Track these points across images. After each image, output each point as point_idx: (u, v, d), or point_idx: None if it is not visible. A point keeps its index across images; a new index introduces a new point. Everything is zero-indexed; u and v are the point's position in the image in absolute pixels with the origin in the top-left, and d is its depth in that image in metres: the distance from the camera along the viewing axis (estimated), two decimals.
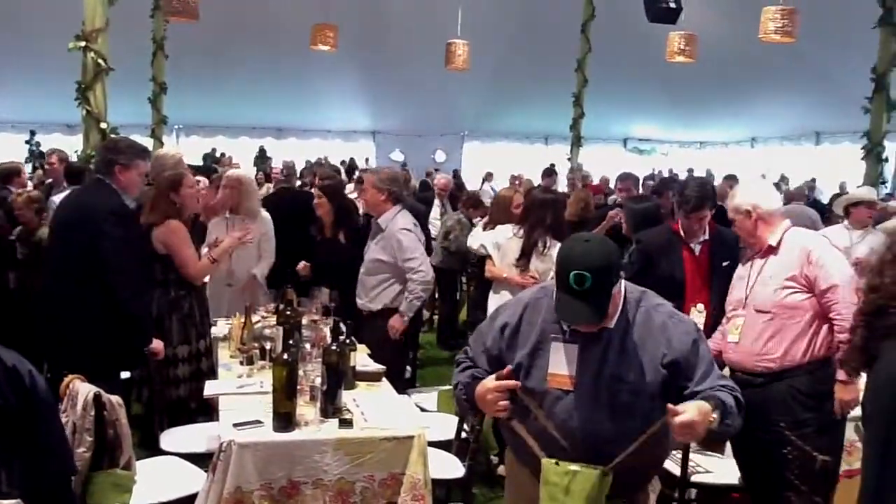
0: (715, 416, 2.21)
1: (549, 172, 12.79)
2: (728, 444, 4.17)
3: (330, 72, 18.43)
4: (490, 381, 2.39)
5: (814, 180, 16.69)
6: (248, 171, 11.79)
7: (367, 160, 22.04)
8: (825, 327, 3.44)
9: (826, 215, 7.32)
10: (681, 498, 3.83)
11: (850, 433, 3.63)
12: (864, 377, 2.13)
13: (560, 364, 2.38)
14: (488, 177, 17.61)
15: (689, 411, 2.17)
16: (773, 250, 3.58)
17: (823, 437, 3.14)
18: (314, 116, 22.12)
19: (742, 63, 15.46)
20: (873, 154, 8.97)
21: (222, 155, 19.22)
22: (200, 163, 14.01)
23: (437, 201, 9.52)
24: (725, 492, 4.02)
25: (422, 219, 6.96)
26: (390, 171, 5.26)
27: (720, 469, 3.97)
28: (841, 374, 3.32)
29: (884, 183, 9.85)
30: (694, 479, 3.85)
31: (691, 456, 3.87)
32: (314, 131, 23.31)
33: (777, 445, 3.18)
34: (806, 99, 17.22)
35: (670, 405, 2.18)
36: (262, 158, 20.05)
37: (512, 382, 2.37)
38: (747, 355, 3.58)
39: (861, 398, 2.04)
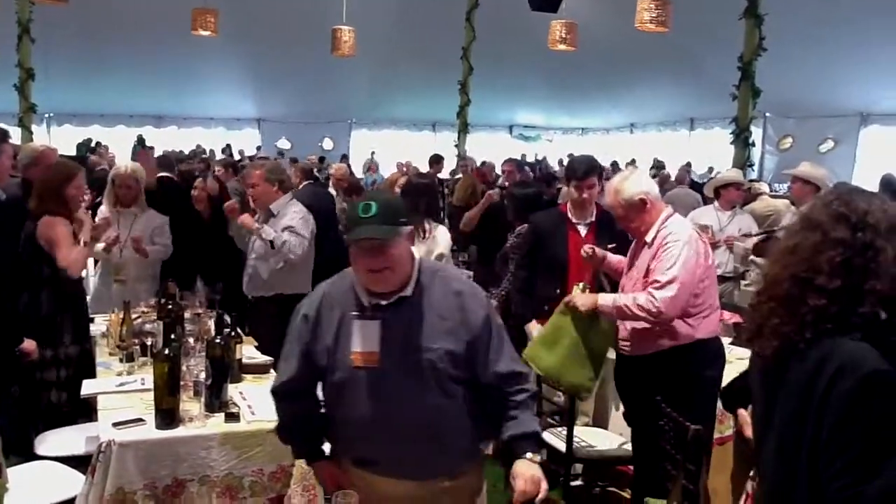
0: (537, 458, 2.43)
1: (437, 160, 12.98)
2: (611, 419, 4.35)
3: (212, 57, 17.86)
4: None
5: (689, 164, 17.48)
6: (126, 160, 11.31)
7: (258, 148, 21.56)
8: (699, 312, 3.62)
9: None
10: (566, 473, 3.96)
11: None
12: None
13: (363, 341, 2.39)
14: (371, 167, 17.58)
15: (520, 467, 2.38)
16: (660, 240, 3.71)
17: (697, 408, 3.31)
18: (196, 104, 21.42)
19: (620, 52, 15.94)
20: (741, 139, 9.43)
21: (98, 144, 18.35)
22: (74, 152, 13.35)
23: (332, 191, 9.40)
24: (610, 464, 4.18)
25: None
26: (275, 163, 5.32)
27: (604, 443, 4.12)
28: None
29: (751, 166, 10.38)
30: (579, 453, 3.99)
31: (576, 430, 4.00)
32: (196, 119, 22.61)
33: (653, 418, 3.33)
34: (680, 87, 17.95)
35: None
36: (140, 147, 19.27)
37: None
38: (628, 338, 3.75)
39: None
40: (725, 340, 4.07)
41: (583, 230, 4.51)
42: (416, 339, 2.39)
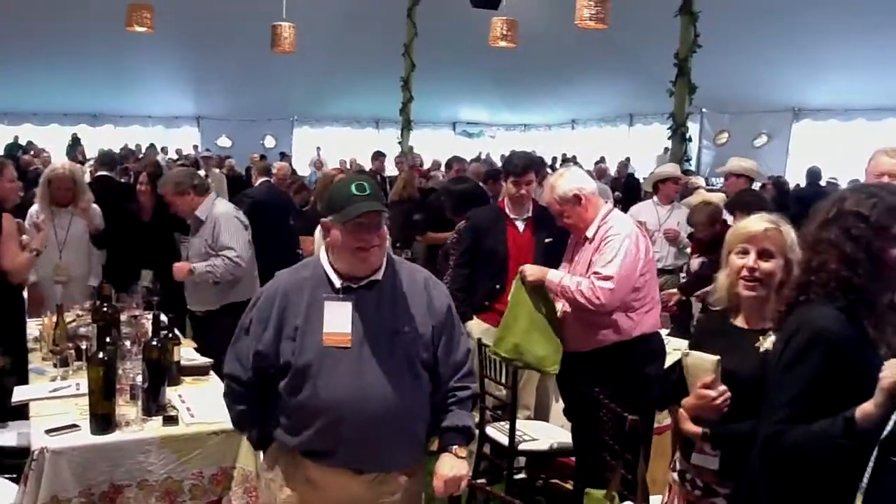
0: (463, 452, 2.49)
1: (378, 156, 13.08)
2: (552, 412, 4.40)
3: (148, 54, 17.51)
4: None
5: (628, 159, 17.80)
6: (61, 160, 11.00)
7: (195, 148, 21.17)
8: (641, 306, 3.69)
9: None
10: (509, 466, 3.99)
11: None
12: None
13: (335, 322, 2.40)
14: (316, 163, 17.43)
15: (443, 468, 2.43)
16: (601, 235, 3.76)
17: (636, 402, 3.36)
18: (133, 101, 20.97)
19: (561, 49, 16.10)
20: (678, 134, 9.64)
21: (29, 143, 17.84)
22: (1, 152, 12.93)
23: None
24: (552, 457, 4.23)
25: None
26: (178, 171, 5.25)
27: (546, 436, 4.17)
28: None
29: (688, 160, 10.60)
30: (521, 447, 4.03)
31: (518, 424, 4.04)
32: (133, 117, 22.13)
33: (593, 410, 3.38)
34: (620, 83, 18.22)
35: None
36: (74, 147, 18.78)
37: None
38: (569, 334, 3.79)
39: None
40: (663, 332, 4.16)
41: (520, 225, 4.55)
42: (388, 321, 2.43)
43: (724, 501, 2.38)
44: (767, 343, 2.30)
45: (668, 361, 3.72)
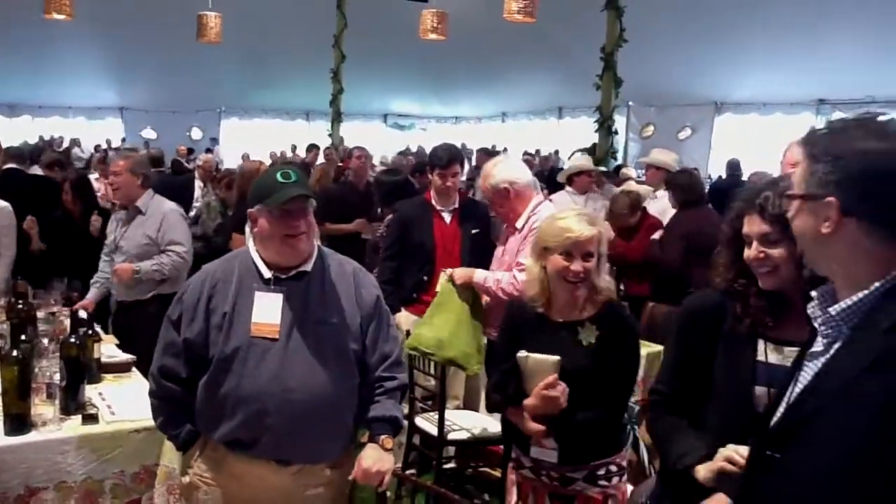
0: (389, 444, 2.48)
1: (311, 148, 13.06)
2: (481, 402, 4.44)
3: (69, 42, 16.95)
4: None
5: (557, 151, 18.04)
6: None
7: (123, 140, 20.57)
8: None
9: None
10: (438, 456, 4.02)
11: None
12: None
13: (264, 313, 2.40)
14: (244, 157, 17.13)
15: (367, 459, 2.41)
16: (528, 226, 3.85)
17: None
18: (52, 92, 20.23)
19: (490, 41, 16.17)
20: (604, 127, 9.82)
21: None
22: None
23: (198, 182, 9.07)
24: (481, 445, 4.27)
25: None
26: (142, 154, 5.16)
27: (475, 424, 4.20)
28: None
29: (614, 153, 10.80)
30: (451, 437, 4.06)
31: (447, 414, 4.06)
32: (53, 108, 21.40)
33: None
34: (549, 76, 18.42)
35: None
36: None
37: None
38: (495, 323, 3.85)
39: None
40: None
41: (447, 217, 4.59)
42: (317, 312, 2.43)
43: (584, 483, 2.51)
44: (587, 334, 2.46)
45: None
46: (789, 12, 12.56)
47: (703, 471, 1.93)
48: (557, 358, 2.46)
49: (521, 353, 2.53)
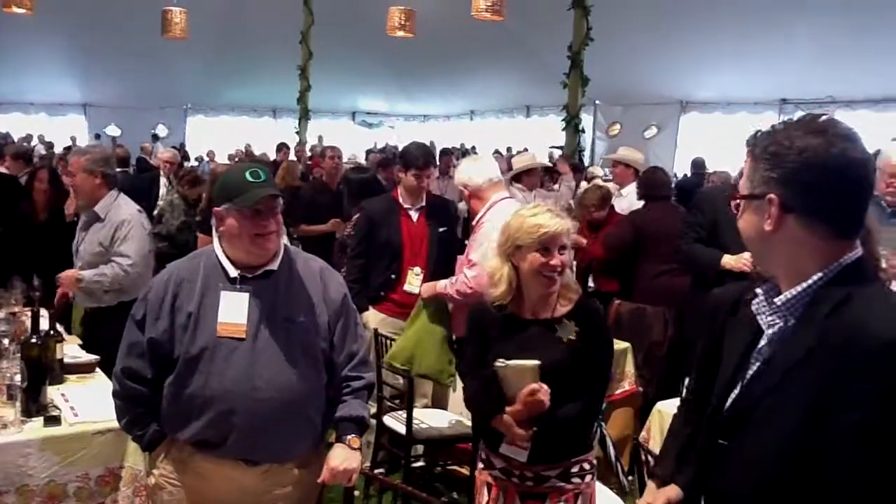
0: (356, 443, 2.49)
1: (281, 147, 13.04)
2: (450, 400, 4.45)
3: (29, 37, 16.65)
4: None
5: (526, 149, 18.09)
6: None
7: (98, 136, 20.24)
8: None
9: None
10: (406, 455, 4.02)
11: None
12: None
13: (230, 312, 2.39)
14: (210, 154, 17.00)
15: (334, 459, 2.42)
16: (478, 225, 3.90)
17: None
18: (12, 87, 19.91)
19: (459, 39, 16.19)
20: (572, 125, 9.89)
21: None
22: None
23: (162, 180, 8.93)
24: (450, 443, 4.28)
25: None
26: (101, 150, 4.88)
27: (444, 423, 4.21)
28: None
29: (581, 151, 10.88)
30: (419, 435, 4.06)
31: (415, 413, 4.07)
32: (13, 104, 21.01)
33: None
34: (517, 74, 18.48)
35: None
36: None
37: None
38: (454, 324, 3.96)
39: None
40: None
41: (414, 215, 4.58)
42: (284, 310, 2.42)
43: (558, 481, 2.52)
44: (566, 331, 2.48)
45: None
46: (753, 14, 12.75)
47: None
48: (537, 362, 2.45)
49: (500, 363, 2.50)
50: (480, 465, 2.74)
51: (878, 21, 11.77)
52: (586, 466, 2.65)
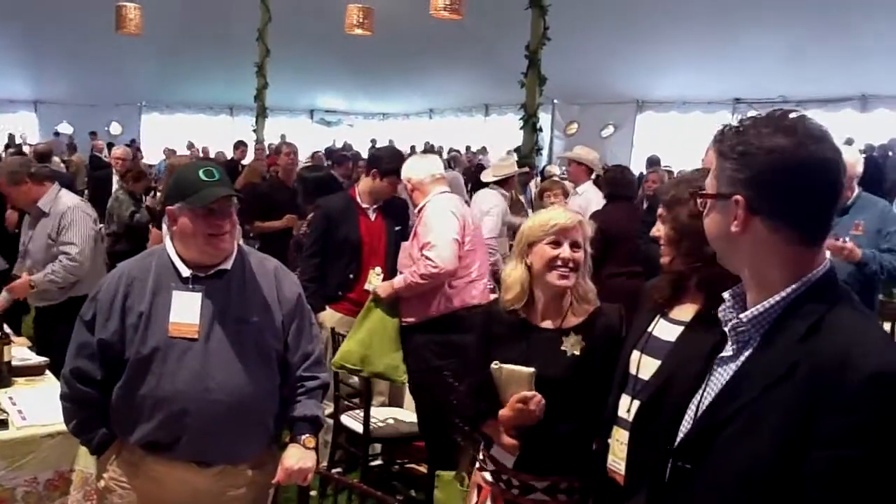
0: (311, 443, 2.48)
1: (239, 145, 12.98)
2: (406, 398, 4.46)
3: None
4: None
5: (484, 148, 18.20)
6: None
7: (56, 133, 19.74)
8: (462, 277, 3.88)
9: None
10: (364, 454, 4.02)
11: None
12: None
13: (183, 313, 2.36)
14: (166, 152, 16.73)
15: (289, 459, 2.42)
16: (421, 211, 3.97)
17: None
18: None
19: (417, 38, 16.19)
20: (529, 124, 9.92)
21: None
22: None
23: (115, 177, 8.83)
24: (407, 442, 4.29)
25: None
26: (10, 159, 4.87)
27: (400, 421, 4.22)
28: None
29: (539, 150, 10.94)
30: (376, 434, 4.06)
31: (373, 411, 4.07)
32: None
33: (436, 390, 3.50)
34: (475, 73, 18.54)
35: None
36: None
37: None
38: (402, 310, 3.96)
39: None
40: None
41: (372, 214, 4.56)
42: (237, 311, 2.40)
43: (543, 495, 2.46)
44: (571, 344, 2.41)
45: None
46: (708, 14, 12.97)
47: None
48: (532, 370, 2.34)
49: (495, 365, 2.41)
50: (477, 465, 2.70)
51: (829, 24, 12.06)
52: (576, 486, 2.48)
